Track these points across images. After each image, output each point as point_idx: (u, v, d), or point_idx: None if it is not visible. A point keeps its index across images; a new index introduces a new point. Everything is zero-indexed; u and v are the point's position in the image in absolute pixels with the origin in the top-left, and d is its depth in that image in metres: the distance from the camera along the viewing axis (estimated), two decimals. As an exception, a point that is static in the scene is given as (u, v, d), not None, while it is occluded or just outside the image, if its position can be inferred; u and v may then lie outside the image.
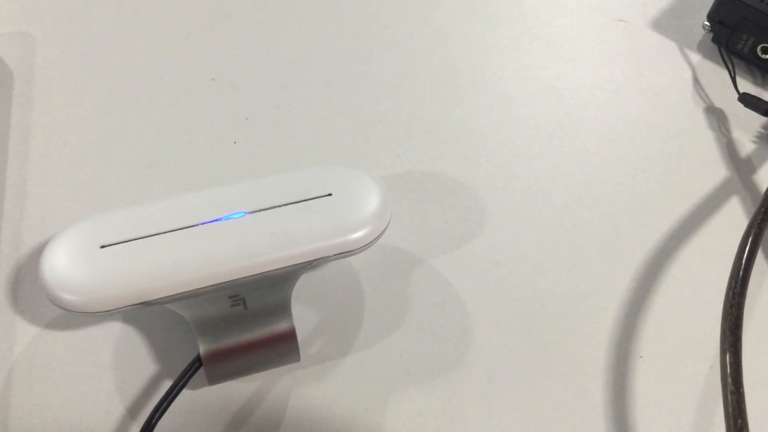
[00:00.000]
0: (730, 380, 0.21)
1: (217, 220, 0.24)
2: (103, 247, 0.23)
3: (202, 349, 0.22)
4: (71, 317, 0.25)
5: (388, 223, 0.25)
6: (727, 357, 0.22)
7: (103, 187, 0.28)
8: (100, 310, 0.22)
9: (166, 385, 0.24)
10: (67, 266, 0.23)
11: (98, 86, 0.31)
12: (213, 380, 0.23)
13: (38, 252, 0.26)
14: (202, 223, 0.24)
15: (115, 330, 0.25)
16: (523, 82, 0.32)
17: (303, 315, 0.26)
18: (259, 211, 0.24)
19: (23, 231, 0.27)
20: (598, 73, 0.33)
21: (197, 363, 0.22)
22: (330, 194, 0.24)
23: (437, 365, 0.25)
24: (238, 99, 0.31)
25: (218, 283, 0.23)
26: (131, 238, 0.23)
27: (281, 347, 0.23)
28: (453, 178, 0.29)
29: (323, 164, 0.29)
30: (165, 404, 0.22)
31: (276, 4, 0.34)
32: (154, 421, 0.22)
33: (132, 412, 0.24)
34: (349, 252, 0.24)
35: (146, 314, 0.25)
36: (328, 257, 0.24)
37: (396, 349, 0.25)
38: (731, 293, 0.23)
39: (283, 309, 0.23)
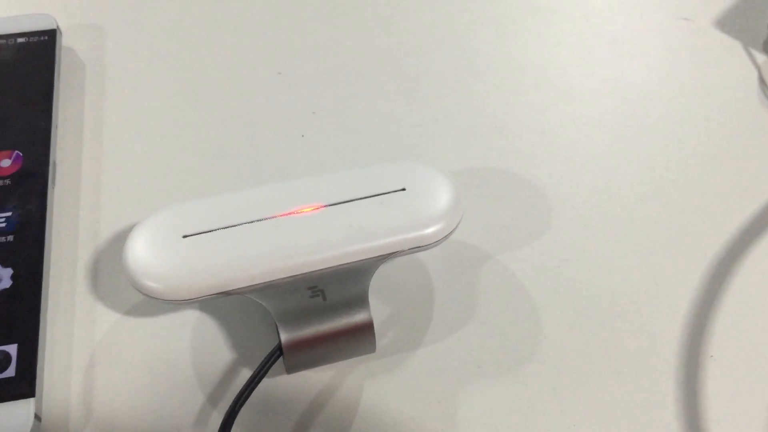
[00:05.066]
0: (809, 381, 0.21)
1: (294, 213, 0.24)
2: (185, 236, 0.24)
3: (284, 338, 0.23)
4: (150, 305, 0.26)
5: (461, 219, 0.25)
6: (806, 358, 0.22)
7: (175, 177, 0.29)
8: (183, 299, 0.23)
9: (243, 372, 0.25)
10: (151, 255, 0.23)
11: (167, 78, 0.31)
12: (291, 369, 0.23)
13: (115, 241, 0.27)
14: (280, 215, 0.24)
15: (191, 318, 0.26)
16: (586, 79, 0.32)
17: (374, 307, 0.26)
18: (336, 204, 0.24)
19: (100, 220, 0.28)
20: (662, 71, 0.32)
21: (278, 352, 0.23)
22: (404, 189, 0.25)
23: (508, 360, 0.25)
24: (304, 93, 0.31)
25: (297, 275, 0.23)
26: (212, 229, 0.24)
27: (359, 338, 0.23)
28: (518, 175, 0.29)
29: (394, 159, 0.29)
30: (247, 392, 0.22)
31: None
32: (237, 407, 0.22)
33: (211, 398, 0.24)
34: (422, 247, 0.24)
35: (221, 303, 0.26)
36: (402, 251, 0.24)
37: (466, 343, 0.25)
38: (808, 295, 0.23)
39: (361, 301, 0.23)
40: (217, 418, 0.24)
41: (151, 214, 0.24)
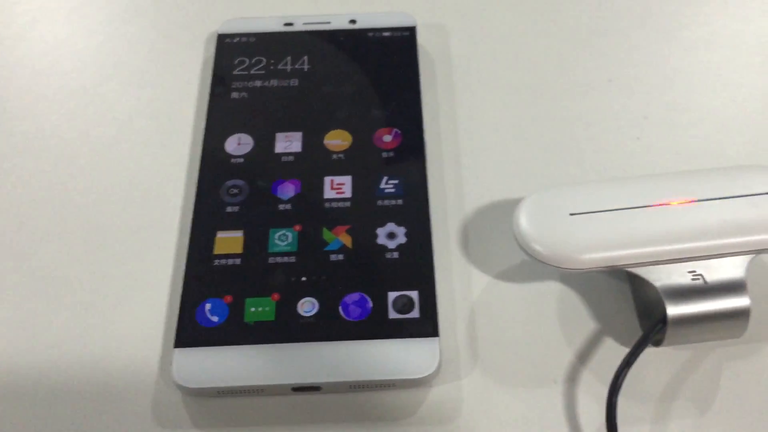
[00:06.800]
0: None
1: (668, 204, 0.27)
2: (572, 214, 0.27)
3: (670, 311, 0.25)
4: (517, 272, 0.29)
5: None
6: None
7: (523, 165, 0.32)
8: (574, 268, 0.26)
9: (605, 340, 0.27)
10: (542, 225, 0.27)
11: (507, 77, 0.35)
12: (667, 342, 0.26)
13: (478, 215, 0.31)
14: (656, 205, 0.27)
15: (555, 288, 0.29)
16: None
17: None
18: (707, 200, 0.27)
19: (464, 195, 0.31)
20: None
21: (660, 324, 0.25)
22: (769, 192, 0.27)
23: None
24: (635, 99, 0.34)
25: (679, 258, 0.26)
26: (597, 210, 0.27)
27: (732, 322, 0.26)
28: None
29: (760, 164, 0.31)
30: (633, 358, 0.25)
31: (666, 14, 0.37)
32: (625, 370, 0.25)
33: (581, 357, 0.27)
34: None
35: (582, 279, 0.29)
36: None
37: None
38: None
39: (740, 287, 0.26)
40: (588, 375, 0.26)
41: (534, 192, 0.28)
